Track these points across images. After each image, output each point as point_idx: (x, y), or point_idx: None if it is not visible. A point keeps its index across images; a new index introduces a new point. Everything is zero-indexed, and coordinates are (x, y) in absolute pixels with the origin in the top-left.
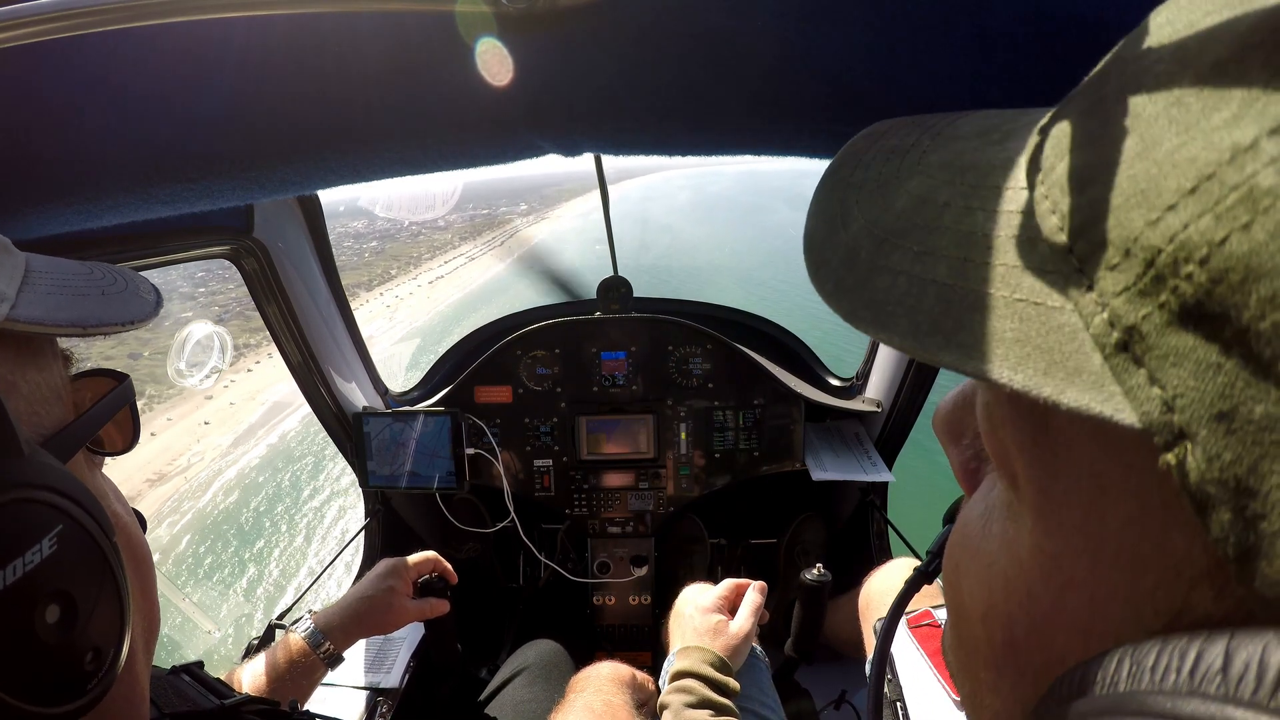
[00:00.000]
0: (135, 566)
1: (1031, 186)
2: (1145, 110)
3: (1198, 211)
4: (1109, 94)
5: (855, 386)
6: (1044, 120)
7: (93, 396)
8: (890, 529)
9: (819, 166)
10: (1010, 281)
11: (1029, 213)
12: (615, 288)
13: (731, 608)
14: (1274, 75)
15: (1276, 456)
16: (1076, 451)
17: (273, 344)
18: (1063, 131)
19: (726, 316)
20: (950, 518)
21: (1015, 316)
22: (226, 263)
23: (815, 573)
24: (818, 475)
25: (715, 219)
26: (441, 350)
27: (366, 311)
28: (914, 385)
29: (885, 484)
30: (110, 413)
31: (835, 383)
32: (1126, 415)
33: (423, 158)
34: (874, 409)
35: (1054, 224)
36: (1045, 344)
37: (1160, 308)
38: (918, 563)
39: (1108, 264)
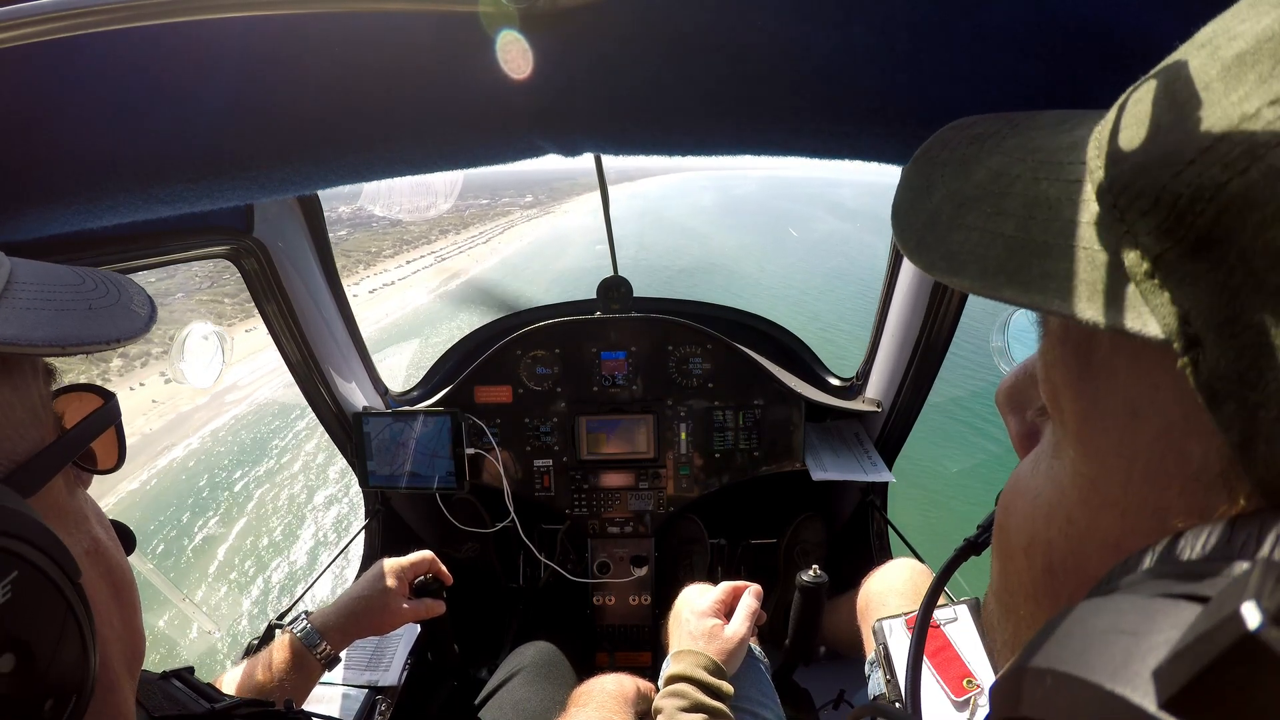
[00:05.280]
0: (114, 594)
1: (1089, 160)
2: (1181, 95)
3: (1210, 163)
4: (1158, 85)
5: (855, 386)
6: (1110, 113)
7: (74, 415)
8: (890, 529)
9: (851, 175)
10: (1065, 232)
11: (1085, 180)
12: (615, 287)
13: (728, 611)
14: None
15: (1271, 354)
16: (1114, 380)
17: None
18: (1119, 116)
19: (726, 316)
20: None
21: (1067, 258)
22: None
23: (811, 574)
24: (818, 475)
25: (749, 225)
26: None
27: (250, 341)
28: (914, 385)
29: (885, 484)
30: (91, 436)
31: (835, 383)
32: (1152, 329)
33: (423, 157)
34: (874, 409)
35: (1104, 185)
36: (1089, 278)
37: (1179, 241)
38: (918, 563)
39: (1140, 210)
